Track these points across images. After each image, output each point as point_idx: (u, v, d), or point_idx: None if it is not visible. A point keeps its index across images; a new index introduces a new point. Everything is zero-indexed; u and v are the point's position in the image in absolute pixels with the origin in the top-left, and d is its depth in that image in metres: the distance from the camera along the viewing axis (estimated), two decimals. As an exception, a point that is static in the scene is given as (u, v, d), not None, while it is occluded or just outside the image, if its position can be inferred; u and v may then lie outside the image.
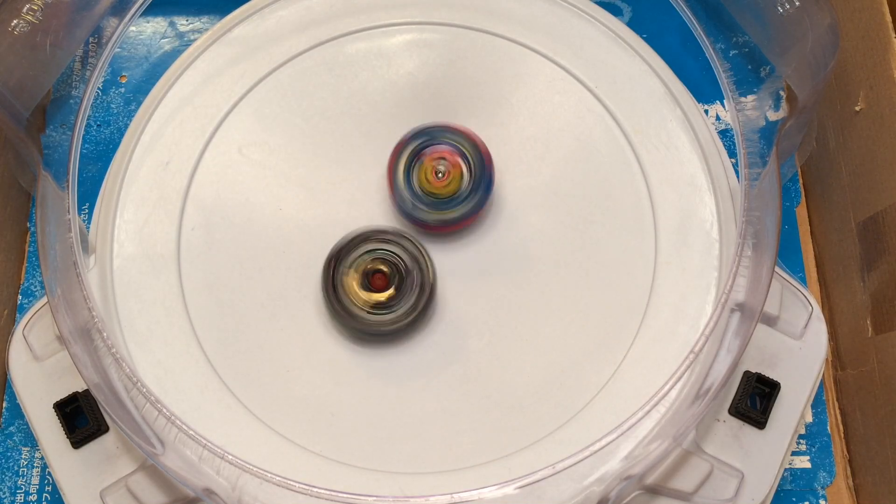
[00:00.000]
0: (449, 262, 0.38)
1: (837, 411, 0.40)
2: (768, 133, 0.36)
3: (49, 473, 0.38)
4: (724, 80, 0.35)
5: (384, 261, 0.35)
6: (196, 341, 0.36)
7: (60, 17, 0.35)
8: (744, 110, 0.35)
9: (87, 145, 0.42)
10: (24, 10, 0.34)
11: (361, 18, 0.41)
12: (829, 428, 0.39)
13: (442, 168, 0.36)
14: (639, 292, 0.37)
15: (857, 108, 0.39)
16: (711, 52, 0.35)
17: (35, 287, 0.41)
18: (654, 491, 0.34)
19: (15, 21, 0.34)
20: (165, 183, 0.38)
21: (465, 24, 0.41)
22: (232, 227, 0.38)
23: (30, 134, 0.36)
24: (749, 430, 0.35)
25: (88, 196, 0.40)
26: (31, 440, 0.39)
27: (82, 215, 0.41)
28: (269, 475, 0.30)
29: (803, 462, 0.39)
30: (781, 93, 0.43)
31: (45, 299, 0.36)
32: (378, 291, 0.35)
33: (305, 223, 0.38)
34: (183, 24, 0.45)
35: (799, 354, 0.36)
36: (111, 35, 0.36)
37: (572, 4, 0.41)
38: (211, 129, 0.39)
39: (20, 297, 0.41)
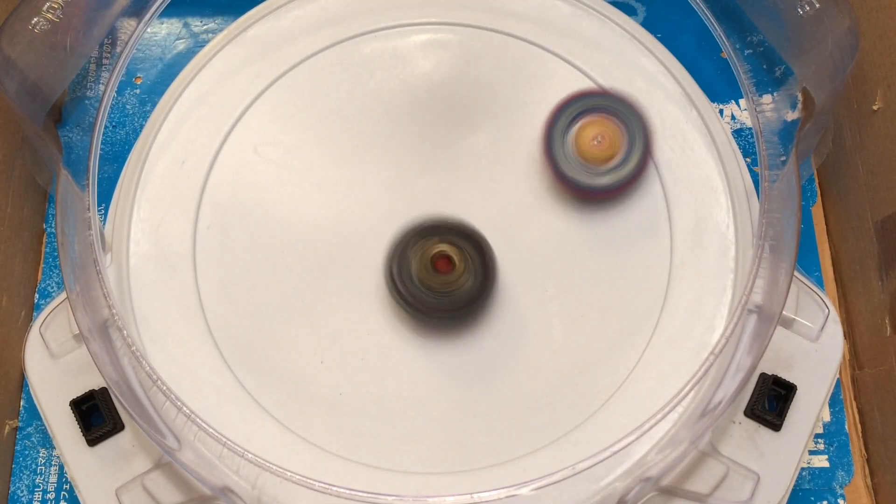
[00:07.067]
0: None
1: (855, 410, 0.40)
2: (785, 133, 0.36)
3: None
4: (744, 82, 0.35)
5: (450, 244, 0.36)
6: (212, 340, 0.36)
7: (79, 15, 0.35)
8: (763, 111, 0.35)
9: (102, 146, 0.42)
10: (45, 7, 0.34)
11: (377, 18, 0.41)
12: (846, 427, 0.39)
13: (599, 136, 0.36)
14: (654, 294, 0.37)
15: (875, 108, 0.39)
16: (732, 52, 0.35)
17: (52, 287, 0.41)
18: (669, 492, 0.34)
19: (36, 19, 0.34)
20: (181, 182, 0.38)
21: (481, 24, 0.41)
22: (247, 227, 0.38)
23: (48, 131, 0.36)
24: (765, 432, 0.35)
25: (103, 197, 0.40)
26: (48, 441, 0.38)
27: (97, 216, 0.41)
28: (290, 474, 0.30)
29: (821, 461, 0.39)
30: (798, 94, 0.43)
31: (60, 297, 0.36)
32: (445, 274, 0.35)
33: (320, 223, 0.38)
34: (197, 24, 0.45)
35: (815, 357, 0.35)
36: (131, 34, 0.36)
37: (587, 4, 0.41)
38: (226, 128, 0.39)
39: (37, 296, 0.41)
